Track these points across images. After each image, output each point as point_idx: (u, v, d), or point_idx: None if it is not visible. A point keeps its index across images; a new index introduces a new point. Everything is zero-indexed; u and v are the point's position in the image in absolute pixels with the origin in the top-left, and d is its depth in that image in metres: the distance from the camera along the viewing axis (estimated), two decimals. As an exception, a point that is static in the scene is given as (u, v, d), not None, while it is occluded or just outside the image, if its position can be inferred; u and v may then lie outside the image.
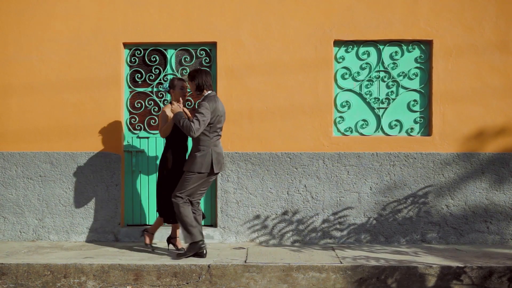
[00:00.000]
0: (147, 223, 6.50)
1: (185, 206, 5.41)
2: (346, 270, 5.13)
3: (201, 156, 5.38)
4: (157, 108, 6.48)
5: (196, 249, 5.42)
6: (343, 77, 6.42)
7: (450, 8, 6.31)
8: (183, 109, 5.61)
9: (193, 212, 5.50)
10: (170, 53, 6.49)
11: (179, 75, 6.48)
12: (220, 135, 5.57)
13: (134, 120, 6.50)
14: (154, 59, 6.49)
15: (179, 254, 5.49)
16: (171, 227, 6.00)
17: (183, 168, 5.49)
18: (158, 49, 6.50)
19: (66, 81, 6.38)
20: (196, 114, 5.30)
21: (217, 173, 5.55)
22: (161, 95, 6.48)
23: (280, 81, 6.32)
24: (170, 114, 5.62)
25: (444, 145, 6.30)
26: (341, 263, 5.25)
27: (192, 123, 5.23)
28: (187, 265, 5.18)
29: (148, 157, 6.49)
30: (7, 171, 6.40)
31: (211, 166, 5.40)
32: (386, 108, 6.41)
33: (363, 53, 6.42)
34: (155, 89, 6.50)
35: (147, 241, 5.82)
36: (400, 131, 6.42)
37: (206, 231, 6.30)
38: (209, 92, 5.48)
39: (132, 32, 6.36)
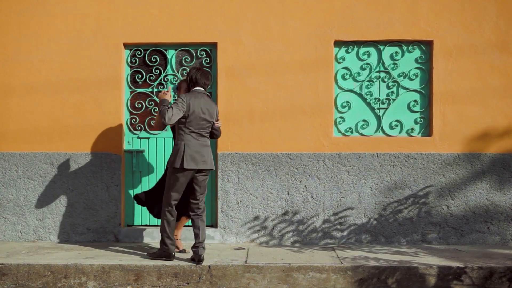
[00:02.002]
0: (148, 224, 6.50)
1: (168, 219, 5.37)
2: (346, 270, 5.13)
3: (175, 151, 5.32)
4: (157, 108, 6.47)
5: (163, 255, 5.39)
6: (343, 77, 6.42)
7: (450, 8, 6.31)
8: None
9: (191, 216, 5.44)
10: (171, 54, 6.49)
11: (179, 76, 6.48)
12: (199, 134, 5.33)
13: (134, 120, 6.49)
14: (155, 59, 6.49)
15: (150, 254, 5.52)
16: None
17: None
18: (159, 50, 6.50)
19: (66, 81, 6.38)
20: (172, 104, 5.28)
21: (194, 172, 5.34)
22: (162, 96, 6.48)
23: (281, 82, 6.32)
24: None
25: (444, 145, 6.30)
26: (342, 263, 5.25)
27: (166, 111, 5.19)
28: (187, 266, 5.18)
29: (149, 157, 6.49)
30: (7, 171, 6.40)
31: (181, 161, 5.23)
32: (386, 109, 6.41)
33: (364, 54, 6.42)
34: (155, 90, 6.50)
35: (180, 247, 5.75)
36: (400, 132, 6.42)
37: (207, 231, 6.30)
38: (196, 88, 5.42)
39: (133, 33, 6.36)
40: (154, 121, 5.72)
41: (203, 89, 5.45)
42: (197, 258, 5.25)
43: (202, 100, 5.37)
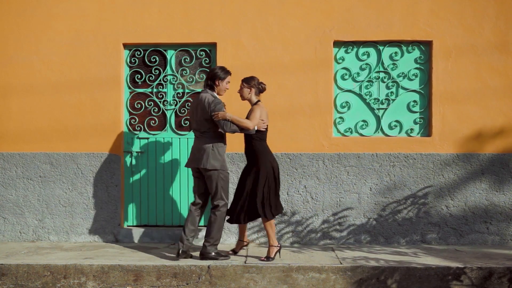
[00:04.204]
0: (147, 224, 6.50)
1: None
2: (346, 270, 5.13)
3: None
4: (156, 108, 6.48)
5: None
6: (343, 77, 6.43)
7: (449, 8, 6.31)
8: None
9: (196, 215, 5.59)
10: (170, 54, 6.49)
11: (178, 76, 6.49)
12: (196, 135, 5.56)
13: (134, 120, 6.50)
14: (154, 59, 6.49)
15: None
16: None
17: None
18: (158, 50, 6.50)
19: (66, 81, 6.38)
20: None
21: (199, 171, 5.54)
22: (161, 96, 6.48)
23: (280, 82, 6.32)
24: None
25: (444, 145, 6.30)
26: (341, 263, 5.25)
27: None
28: (187, 266, 5.18)
29: (148, 157, 6.49)
30: (7, 171, 6.40)
31: None
32: (386, 109, 6.41)
33: (363, 54, 6.42)
34: (154, 90, 6.50)
35: (273, 254, 5.56)
36: (400, 132, 6.42)
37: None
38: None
39: (132, 33, 6.37)
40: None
41: (205, 88, 5.55)
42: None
43: (194, 102, 5.59)
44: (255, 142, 5.53)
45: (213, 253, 5.43)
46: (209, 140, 5.45)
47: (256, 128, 5.47)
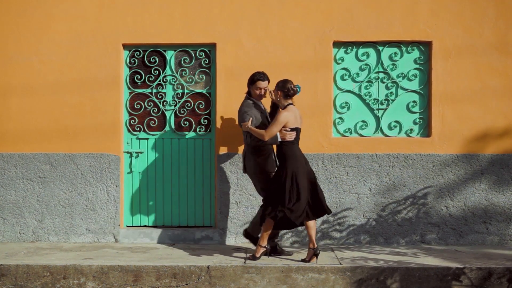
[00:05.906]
0: (147, 224, 6.50)
1: None
2: (345, 271, 5.13)
3: None
4: (156, 109, 6.48)
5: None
6: (342, 78, 6.42)
7: (449, 9, 6.31)
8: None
9: None
10: (170, 54, 6.49)
11: (178, 76, 6.49)
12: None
13: (133, 121, 6.49)
14: (154, 60, 6.49)
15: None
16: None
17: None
18: (158, 50, 6.50)
19: (65, 82, 6.38)
20: None
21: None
22: (160, 96, 6.48)
23: (280, 82, 6.31)
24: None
25: (443, 146, 6.30)
26: (340, 264, 5.26)
27: None
28: (186, 266, 5.18)
29: (148, 158, 6.49)
30: (6, 172, 6.40)
31: None
32: (385, 109, 6.41)
33: (363, 54, 6.42)
34: (154, 90, 6.50)
35: (258, 254, 5.47)
36: (399, 132, 6.42)
37: (206, 232, 6.31)
38: None
39: (132, 33, 6.37)
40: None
41: (246, 93, 5.77)
42: None
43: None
44: (283, 145, 5.43)
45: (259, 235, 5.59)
46: (245, 145, 5.70)
47: (279, 139, 5.39)
